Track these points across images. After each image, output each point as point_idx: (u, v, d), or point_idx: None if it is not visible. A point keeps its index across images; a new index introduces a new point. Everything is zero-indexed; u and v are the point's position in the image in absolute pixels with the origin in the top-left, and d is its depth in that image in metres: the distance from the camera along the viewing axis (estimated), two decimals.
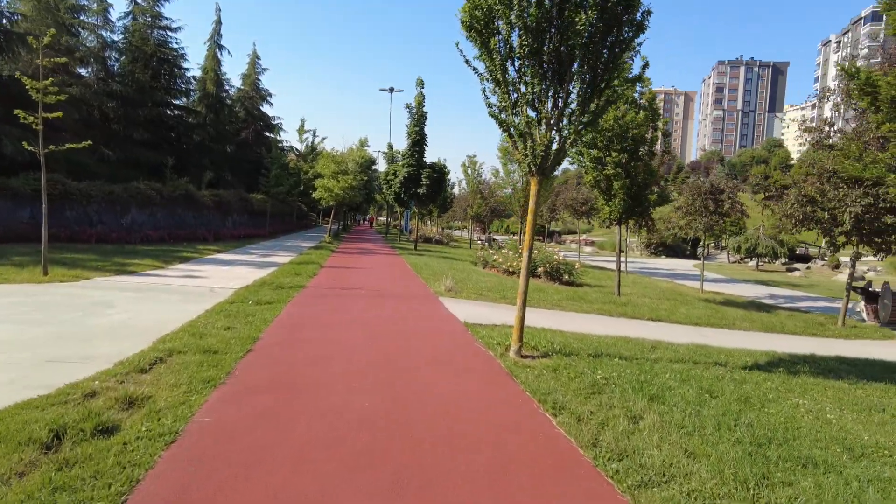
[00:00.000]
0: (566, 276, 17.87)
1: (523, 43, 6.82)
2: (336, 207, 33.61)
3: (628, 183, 14.75)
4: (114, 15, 46.43)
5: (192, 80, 41.27)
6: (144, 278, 12.58)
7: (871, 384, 7.70)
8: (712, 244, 53.73)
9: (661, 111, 15.40)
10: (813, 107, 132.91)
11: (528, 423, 4.86)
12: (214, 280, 13.07)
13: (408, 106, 27.51)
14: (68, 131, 22.84)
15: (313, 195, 30.77)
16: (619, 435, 4.63)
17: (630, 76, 8.22)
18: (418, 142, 27.43)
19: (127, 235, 21.50)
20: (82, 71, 30.12)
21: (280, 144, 52.34)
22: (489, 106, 7.47)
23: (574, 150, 15.34)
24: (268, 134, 54.51)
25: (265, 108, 55.70)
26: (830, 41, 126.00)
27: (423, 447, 4.23)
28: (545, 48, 6.87)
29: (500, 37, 7.09)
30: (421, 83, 27.44)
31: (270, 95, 56.00)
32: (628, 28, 7.05)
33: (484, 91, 7.47)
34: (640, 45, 7.31)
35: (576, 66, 6.94)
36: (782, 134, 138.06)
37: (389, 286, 13.95)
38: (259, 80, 55.18)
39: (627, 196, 14.88)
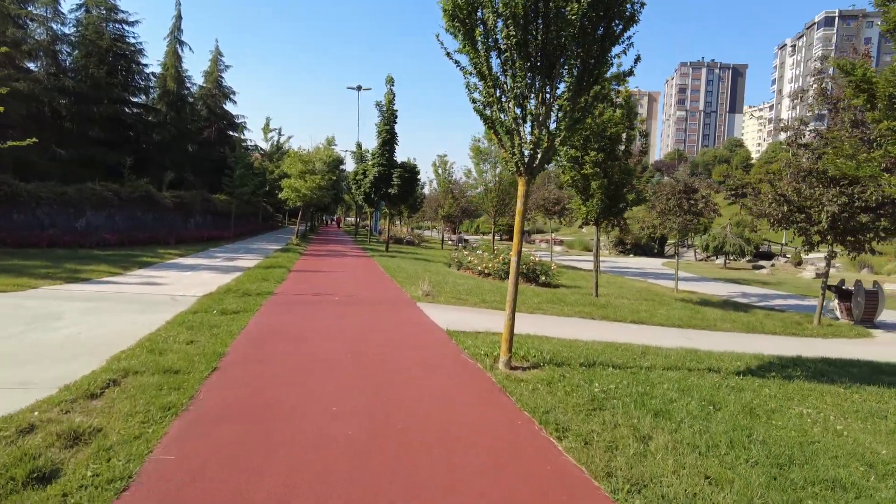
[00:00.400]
0: (542, 278, 17.56)
1: (510, 34, 6.37)
2: (303, 208, 32.69)
3: (606, 183, 14.48)
4: (65, 6, 44.40)
5: (152, 77, 39.73)
6: (99, 286, 11.70)
7: (864, 388, 7.51)
8: (678, 243, 54.56)
9: (637, 110, 15.20)
10: (771, 108, 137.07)
11: (531, 449, 4.40)
12: (176, 287, 12.27)
13: (378, 104, 26.89)
14: (16, 128, 21.52)
15: (280, 196, 29.83)
16: (632, 460, 4.21)
17: (621, 71, 7.83)
18: (389, 141, 26.81)
19: (82, 239, 20.30)
20: (31, 65, 28.51)
21: (244, 144, 50.92)
22: (473, 101, 7.00)
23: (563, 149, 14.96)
24: (231, 133, 53.01)
25: (228, 107, 54.20)
26: (786, 45, 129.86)
27: (419, 486, 3.72)
28: (533, 39, 6.44)
29: (485, 27, 6.62)
30: (391, 81, 26.84)
31: (234, 93, 54.53)
32: (619, 20, 6.67)
33: (467, 85, 6.99)
34: (629, 38, 6.93)
35: (565, 58, 6.51)
36: (742, 134, 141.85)
37: (363, 291, 13.35)
38: (222, 77, 53.62)
39: (605, 196, 14.62)
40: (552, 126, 6.83)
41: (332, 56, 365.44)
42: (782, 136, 14.67)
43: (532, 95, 6.75)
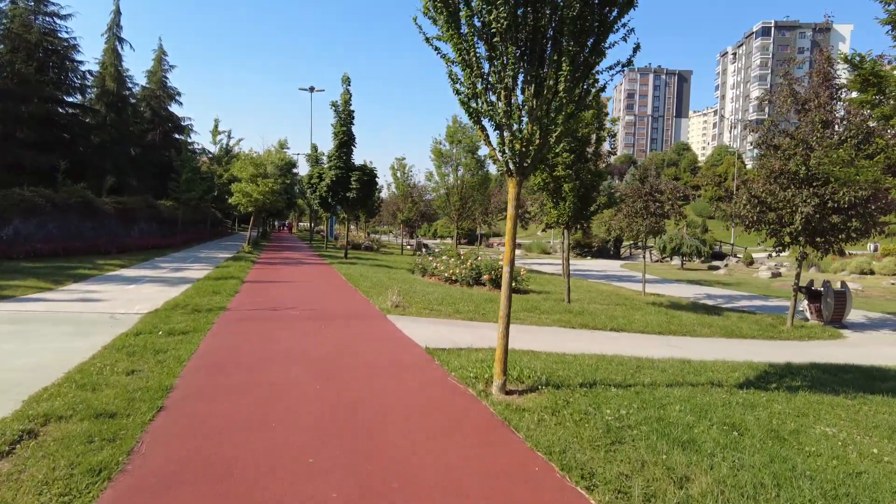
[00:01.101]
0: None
1: (500, 16, 5.63)
2: (255, 214, 31.20)
3: (577, 185, 13.99)
4: None
5: (89, 76, 37.36)
6: (24, 304, 10.33)
7: (867, 397, 7.13)
8: (634, 244, 55.38)
9: (606, 110, 14.78)
10: (715, 112, 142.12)
11: None
12: (116, 303, 11.00)
13: (333, 104, 25.76)
14: None
15: (230, 201, 28.29)
16: None
17: (617, 61, 7.21)
18: (346, 143, 25.74)
19: (8, 249, 18.45)
20: None
21: (191, 147, 48.66)
22: (457, 93, 6.23)
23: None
24: (177, 136, 50.58)
25: (174, 108, 51.76)
26: (728, 52, 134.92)
27: None
28: (524, 23, 5.72)
29: (470, 9, 5.86)
30: (347, 80, 25.79)
31: (179, 95, 52.13)
32: (614, 6, 6.03)
33: (450, 75, 6.23)
34: (625, 25, 6.29)
35: (563, 43, 5.82)
36: (688, 138, 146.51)
37: (327, 303, 12.35)
38: (166, 78, 51.21)
39: (577, 199, 14.12)
40: (546, 120, 6.13)
41: (286, 57, 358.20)
42: (751, 137, 14.51)
43: (523, 86, 6.04)
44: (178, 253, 27.01)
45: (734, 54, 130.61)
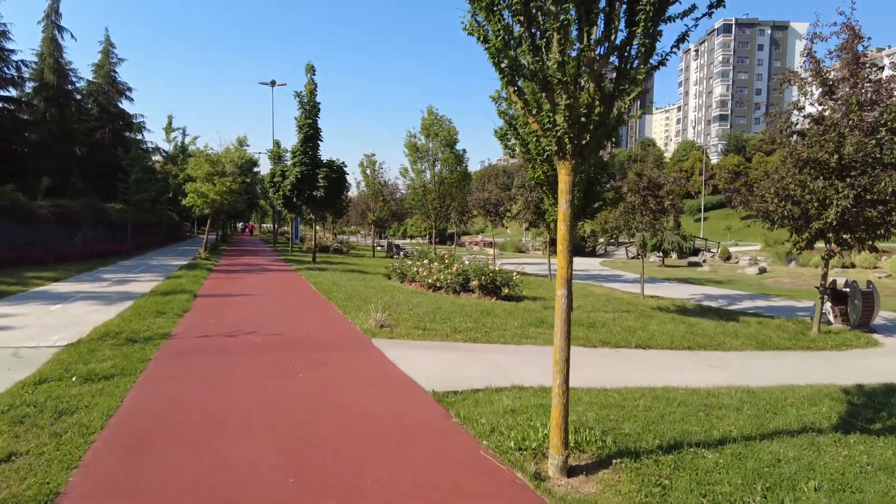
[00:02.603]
0: (505, 290, 15.11)
1: None
2: (212, 216, 28.61)
3: (583, 178, 12.26)
4: None
5: (24, 66, 34.11)
6: None
7: None
8: (608, 241, 54.43)
9: None
10: (679, 109, 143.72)
11: None
12: (29, 332, 8.74)
13: (297, 94, 23.49)
14: None
15: (183, 202, 25.72)
16: None
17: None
18: (312, 136, 23.49)
19: None
20: None
21: (143, 146, 45.37)
22: (484, 42, 4.32)
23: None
24: (128, 134, 47.21)
25: (124, 105, 48.40)
26: (690, 49, 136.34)
27: None
28: None
29: None
30: (311, 69, 23.57)
31: (130, 90, 48.93)
32: None
33: (474, 16, 4.33)
34: None
35: None
36: (652, 133, 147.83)
37: (296, 324, 10.23)
38: (115, 72, 47.90)
39: (582, 194, 12.40)
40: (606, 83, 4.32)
41: (247, 50, 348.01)
42: (769, 123, 13.00)
43: (581, 30, 4.20)
44: (126, 261, 24.38)
45: (696, 51, 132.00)
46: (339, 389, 6.06)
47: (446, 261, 17.39)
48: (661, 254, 39.29)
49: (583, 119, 4.16)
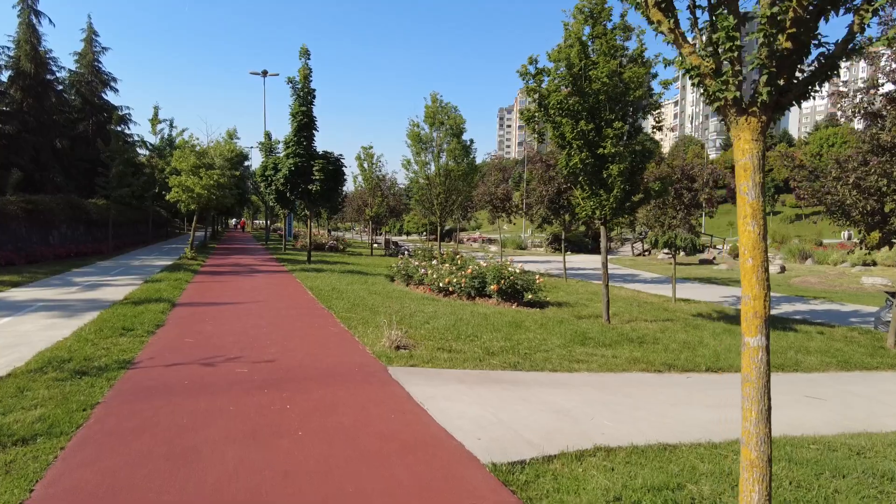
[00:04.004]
0: (528, 295, 13.32)
1: None
2: (199, 212, 26.66)
3: (628, 167, 10.48)
4: None
5: None
6: None
7: None
8: (612, 238, 52.75)
9: (652, 65, 11.26)
10: (675, 104, 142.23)
11: None
12: None
13: (290, 80, 21.56)
14: None
15: (167, 197, 23.75)
16: None
17: None
18: (306, 125, 21.57)
19: None
20: None
21: (128, 138, 43.19)
22: None
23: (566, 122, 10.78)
24: (113, 127, 45.04)
25: (109, 96, 46.25)
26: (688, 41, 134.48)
27: None
28: None
29: None
30: (305, 52, 21.67)
31: (115, 80, 46.75)
32: None
33: None
34: None
35: None
36: (649, 129, 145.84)
37: (291, 345, 8.35)
38: (99, 62, 45.73)
39: (626, 185, 10.63)
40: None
41: (238, 40, 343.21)
42: (843, 104, 11.24)
43: None
44: (106, 262, 22.40)
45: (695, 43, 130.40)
46: (357, 462, 4.21)
47: (458, 262, 15.60)
48: (669, 251, 37.71)
49: (798, 38, 2.35)
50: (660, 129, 11.85)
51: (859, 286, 21.71)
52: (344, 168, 22.51)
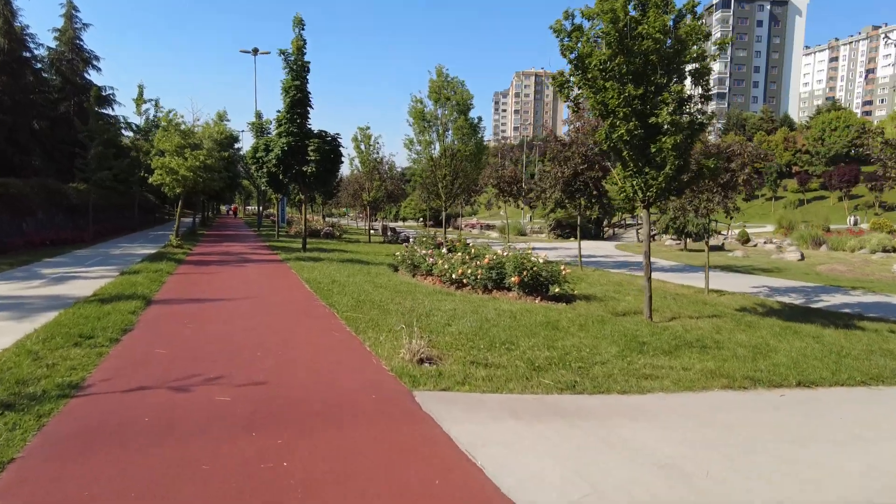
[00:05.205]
0: (555, 288, 11.79)
1: None
2: (186, 197, 24.92)
3: (681, 140, 8.92)
4: None
5: None
6: None
7: None
8: (616, 223, 51.30)
9: (704, 25, 9.64)
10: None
11: None
12: None
13: (282, 52, 19.77)
14: None
15: (150, 180, 21.98)
16: None
17: None
18: (300, 101, 19.81)
19: None
20: None
21: (110, 119, 41.11)
22: None
23: (587, 88, 9.21)
24: (98, 110, 42.85)
25: (92, 76, 44.06)
26: None
27: None
28: None
29: None
30: (299, 22, 19.83)
31: (98, 59, 44.58)
32: None
33: None
34: None
35: None
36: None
37: (287, 359, 6.70)
38: (80, 40, 43.45)
39: (680, 160, 9.08)
40: None
41: (228, 21, 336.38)
42: None
43: None
44: (84, 250, 20.70)
45: None
46: None
47: (472, 250, 14.05)
48: (678, 238, 36.28)
49: None
50: (708, 98, 10.24)
51: (893, 275, 20.34)
52: (341, 148, 20.80)
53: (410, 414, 4.76)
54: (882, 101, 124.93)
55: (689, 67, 9.63)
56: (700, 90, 10.22)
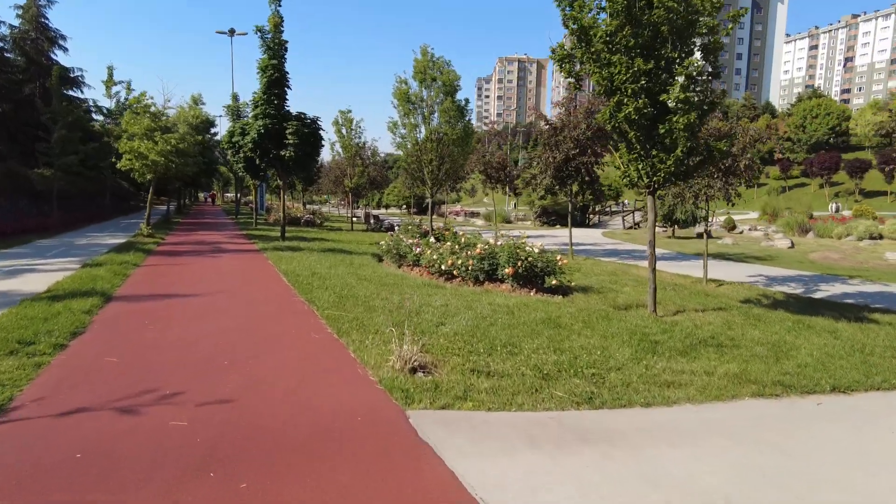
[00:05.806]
0: (551, 280, 11.06)
1: None
2: (162, 183, 23.71)
3: (695, 118, 8.18)
4: None
5: None
6: None
7: None
8: (601, 210, 50.78)
9: None
10: None
11: None
12: None
13: (259, 29, 18.62)
14: None
15: (118, 165, 20.74)
16: None
17: None
18: (277, 81, 18.72)
19: None
20: None
21: (81, 102, 39.36)
22: None
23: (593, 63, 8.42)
24: (66, 92, 40.86)
25: (59, 57, 42.00)
26: None
27: None
28: None
29: None
30: None
31: (64, 39, 42.47)
32: None
33: None
34: None
35: None
36: None
37: (261, 370, 5.87)
38: (45, 17, 41.38)
39: (690, 141, 8.35)
40: None
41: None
42: None
43: None
44: (48, 240, 19.49)
45: None
46: None
47: (462, 240, 13.25)
48: (665, 225, 35.84)
49: None
50: (717, 76, 9.51)
51: (886, 262, 20.02)
52: (321, 131, 19.77)
53: (405, 444, 3.95)
54: (860, 90, 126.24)
55: (699, 42, 8.89)
56: (710, 67, 9.49)
